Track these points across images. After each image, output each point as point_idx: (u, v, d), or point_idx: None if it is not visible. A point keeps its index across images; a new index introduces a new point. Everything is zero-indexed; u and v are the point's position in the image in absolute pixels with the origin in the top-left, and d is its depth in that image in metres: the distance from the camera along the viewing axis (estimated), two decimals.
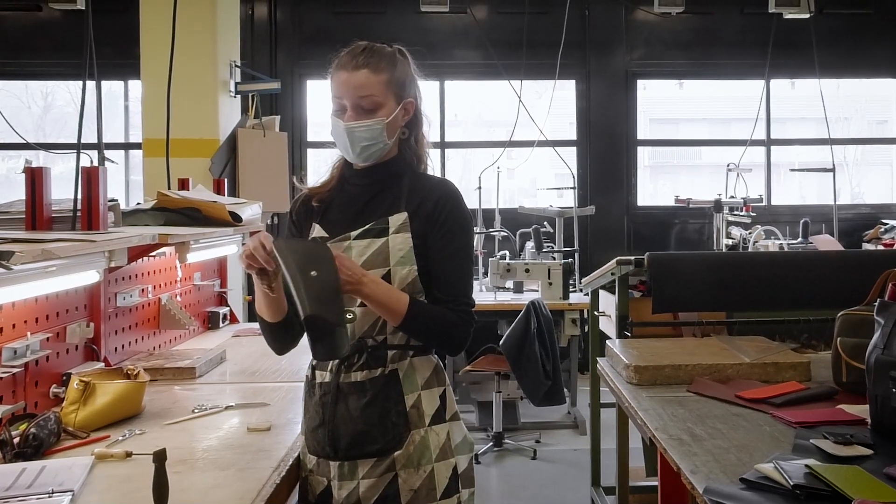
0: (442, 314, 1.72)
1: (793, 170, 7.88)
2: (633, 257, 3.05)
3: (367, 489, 1.69)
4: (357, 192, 1.81)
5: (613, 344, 2.60)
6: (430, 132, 1.89)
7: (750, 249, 5.89)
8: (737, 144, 7.32)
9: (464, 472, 1.77)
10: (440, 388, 1.78)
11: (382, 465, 1.69)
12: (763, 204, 6.98)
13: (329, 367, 1.74)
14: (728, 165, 6.75)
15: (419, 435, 1.71)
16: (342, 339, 1.58)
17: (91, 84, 2.49)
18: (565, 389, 4.82)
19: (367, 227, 1.74)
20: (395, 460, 1.69)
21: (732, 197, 6.51)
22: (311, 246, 1.62)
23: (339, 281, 1.58)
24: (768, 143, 7.59)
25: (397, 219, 1.73)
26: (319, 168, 7.64)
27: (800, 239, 6.08)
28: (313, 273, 1.55)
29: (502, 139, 6.89)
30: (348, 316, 1.61)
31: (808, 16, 6.45)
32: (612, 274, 3.20)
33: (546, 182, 7.78)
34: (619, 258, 3.12)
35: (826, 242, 6.11)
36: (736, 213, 6.31)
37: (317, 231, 1.79)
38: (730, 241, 6.23)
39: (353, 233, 1.74)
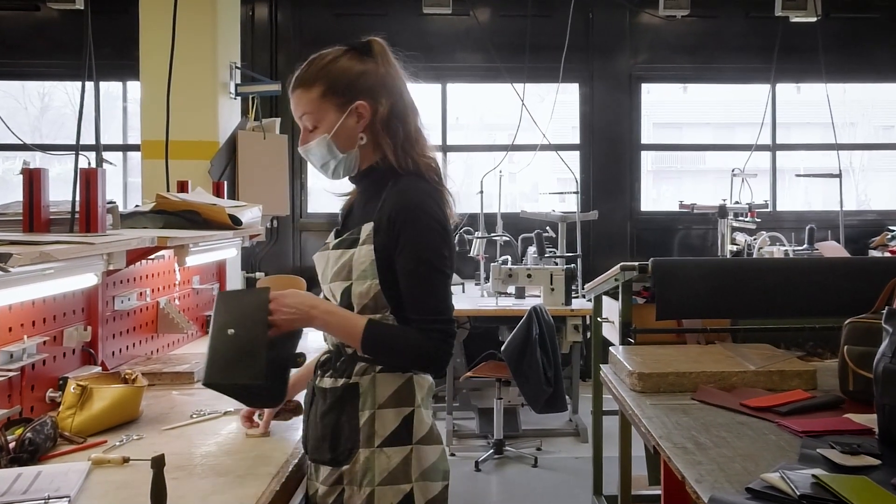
0: (405, 336, 1.63)
1: (798, 175, 7.83)
2: (636, 263, 3.03)
3: (323, 495, 1.69)
4: (358, 200, 1.82)
5: (616, 351, 2.59)
6: (421, 124, 1.76)
7: (755, 256, 5.87)
8: (742, 149, 7.30)
9: (431, 500, 1.66)
10: (407, 408, 1.67)
11: (334, 476, 1.67)
12: (768, 210, 6.94)
13: (317, 369, 1.78)
14: (733, 171, 6.72)
15: (364, 455, 1.64)
16: (267, 393, 1.65)
17: (90, 85, 2.47)
18: (567, 396, 4.80)
19: (344, 236, 1.71)
20: (343, 475, 1.66)
21: (737, 202, 6.48)
22: (246, 299, 1.61)
23: (262, 336, 1.57)
24: (774, 148, 7.56)
25: (366, 229, 1.67)
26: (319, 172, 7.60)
27: (805, 245, 6.04)
28: (230, 331, 1.56)
29: (505, 143, 6.87)
30: (298, 360, 1.70)
31: (814, 19, 6.43)
32: (616, 280, 3.18)
33: (548, 186, 7.76)
34: (622, 264, 3.10)
35: (832, 249, 6.07)
36: (741, 218, 6.28)
37: (331, 237, 1.80)
38: (734, 248, 6.20)
39: (332, 242, 1.73)
